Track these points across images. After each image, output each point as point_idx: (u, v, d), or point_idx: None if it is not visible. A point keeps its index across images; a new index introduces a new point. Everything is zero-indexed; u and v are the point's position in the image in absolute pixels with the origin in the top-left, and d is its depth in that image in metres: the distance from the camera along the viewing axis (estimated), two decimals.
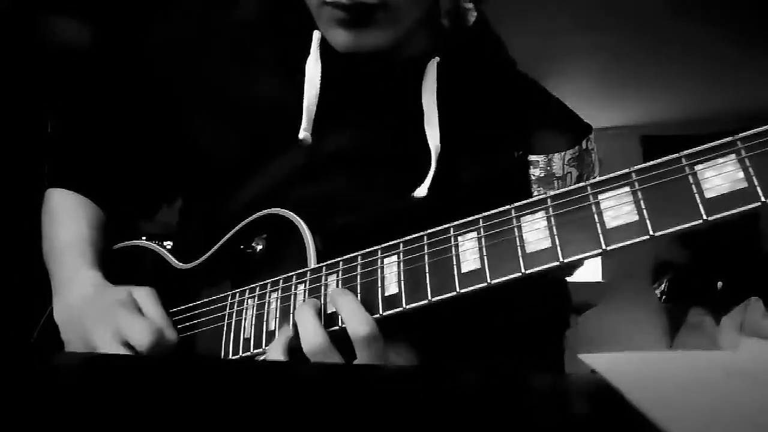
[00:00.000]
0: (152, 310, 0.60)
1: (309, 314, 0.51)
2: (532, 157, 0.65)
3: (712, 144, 0.39)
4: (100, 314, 0.59)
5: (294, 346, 0.52)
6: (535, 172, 0.64)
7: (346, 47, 0.56)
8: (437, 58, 0.62)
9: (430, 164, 0.61)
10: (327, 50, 0.61)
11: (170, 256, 0.72)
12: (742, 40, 2.45)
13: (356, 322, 0.49)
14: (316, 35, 0.62)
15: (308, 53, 0.62)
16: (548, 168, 0.64)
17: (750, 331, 2.24)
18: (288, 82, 0.63)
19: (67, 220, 0.73)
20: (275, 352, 0.53)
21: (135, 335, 0.56)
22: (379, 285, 0.51)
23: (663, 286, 3.06)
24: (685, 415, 0.20)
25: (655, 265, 3.12)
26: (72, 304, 0.65)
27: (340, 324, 0.51)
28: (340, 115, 0.63)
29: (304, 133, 0.61)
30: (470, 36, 0.66)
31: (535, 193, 0.64)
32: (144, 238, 0.77)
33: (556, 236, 0.43)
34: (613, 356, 0.27)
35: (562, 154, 0.65)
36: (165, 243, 0.75)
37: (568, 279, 0.75)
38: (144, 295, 0.61)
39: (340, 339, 0.51)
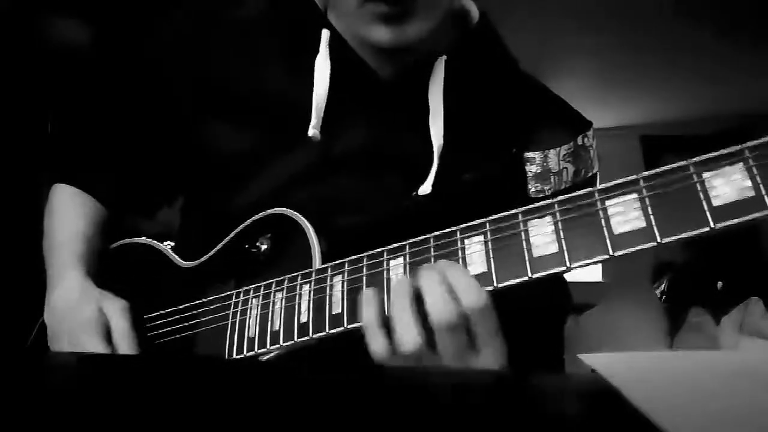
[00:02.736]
0: (118, 333, 0.61)
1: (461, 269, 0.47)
2: (528, 154, 0.65)
3: (720, 152, 0.39)
4: (68, 335, 0.62)
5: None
6: (532, 169, 0.65)
7: (390, 43, 0.55)
8: (444, 57, 0.62)
9: (433, 162, 0.61)
10: (335, 48, 0.61)
11: (173, 254, 0.72)
12: (741, 40, 2.44)
13: (473, 293, 0.46)
14: (325, 33, 0.62)
15: (316, 51, 0.62)
16: (544, 164, 0.64)
17: (750, 331, 2.24)
18: (296, 80, 0.63)
19: (65, 216, 0.73)
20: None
21: None
22: (386, 287, 0.51)
23: (663, 286, 3.05)
24: (685, 415, 0.20)
25: (655, 265, 3.11)
26: (55, 306, 0.67)
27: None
28: (349, 113, 0.63)
29: (313, 131, 0.61)
30: (474, 35, 0.67)
31: (532, 190, 0.65)
32: (144, 237, 0.77)
33: (563, 241, 0.43)
34: (613, 356, 0.27)
35: (557, 149, 0.65)
36: (165, 243, 0.75)
37: (568, 277, 0.75)
38: (115, 314, 0.62)
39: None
